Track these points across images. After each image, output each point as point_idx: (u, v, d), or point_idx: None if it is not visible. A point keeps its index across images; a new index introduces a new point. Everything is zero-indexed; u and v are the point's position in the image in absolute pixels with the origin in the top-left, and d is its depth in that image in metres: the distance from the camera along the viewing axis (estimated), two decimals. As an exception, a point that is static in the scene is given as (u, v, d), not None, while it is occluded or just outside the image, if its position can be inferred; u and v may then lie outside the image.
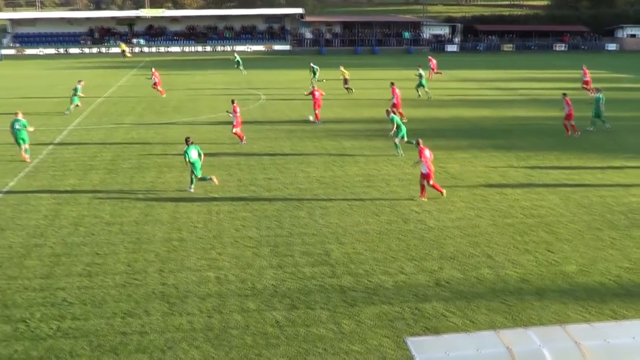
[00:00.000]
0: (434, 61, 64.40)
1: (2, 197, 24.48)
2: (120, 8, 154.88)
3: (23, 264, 18.07)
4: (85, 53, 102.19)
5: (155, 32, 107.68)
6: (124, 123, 39.54)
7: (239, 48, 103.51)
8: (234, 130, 33.23)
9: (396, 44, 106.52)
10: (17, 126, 30.33)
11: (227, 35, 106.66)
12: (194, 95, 52.14)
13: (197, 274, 17.32)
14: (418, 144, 23.89)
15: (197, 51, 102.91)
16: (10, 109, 46.45)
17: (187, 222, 21.42)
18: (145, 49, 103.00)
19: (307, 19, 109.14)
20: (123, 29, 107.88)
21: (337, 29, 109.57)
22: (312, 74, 56.10)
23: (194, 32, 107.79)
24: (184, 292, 16.28)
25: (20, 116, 30.86)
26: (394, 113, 37.64)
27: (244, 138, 33.47)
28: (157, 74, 52.70)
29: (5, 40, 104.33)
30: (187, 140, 24.82)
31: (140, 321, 14.89)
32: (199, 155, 24.73)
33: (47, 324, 14.81)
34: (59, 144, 33.94)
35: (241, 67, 70.53)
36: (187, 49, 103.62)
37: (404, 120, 35.68)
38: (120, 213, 22.37)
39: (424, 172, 23.23)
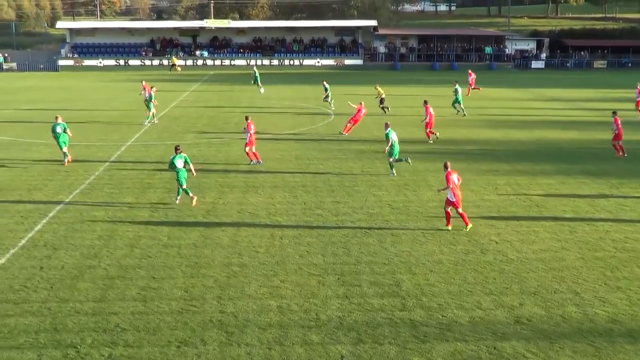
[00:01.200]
0: (473, 75, 64.02)
1: (56, 215, 25.16)
2: (183, 18, 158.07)
3: (75, 286, 18.51)
4: (145, 65, 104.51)
5: (219, 44, 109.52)
6: (185, 140, 40.24)
7: (308, 62, 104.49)
8: (247, 149, 33.39)
9: (477, 59, 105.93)
10: (58, 129, 33.44)
11: (296, 48, 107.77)
12: (258, 112, 52.74)
13: (257, 302, 17.44)
14: (446, 167, 23.47)
15: (263, 65, 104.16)
16: (68, 122, 47.84)
17: (249, 246, 21.62)
18: (209, 62, 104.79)
19: (381, 31, 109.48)
20: (186, 40, 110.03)
21: (413, 43, 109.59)
22: (325, 92, 55.25)
23: (260, 45, 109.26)
24: (243, 321, 16.41)
25: (60, 119, 34.00)
26: (430, 133, 37.99)
27: (259, 157, 33.69)
28: (148, 87, 53.39)
29: (63, 51, 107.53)
30: (176, 149, 26.60)
31: (196, 350, 15.05)
32: (186, 164, 26.35)
33: (98, 351, 15.10)
34: (117, 160, 34.75)
35: (259, 84, 68.09)
36: (252, 62, 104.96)
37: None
38: (179, 235, 22.73)
39: (450, 199, 22.89)
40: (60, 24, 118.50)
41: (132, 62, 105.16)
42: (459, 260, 20.41)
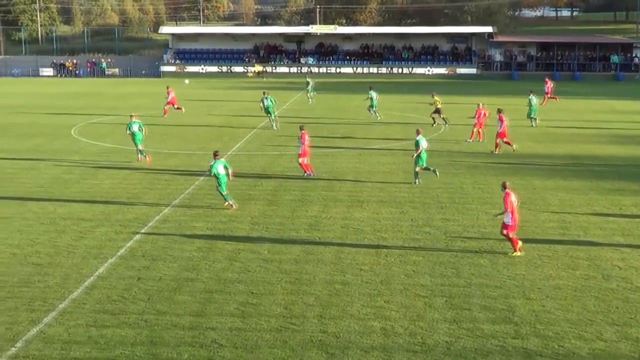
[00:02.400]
0: (550, 84, 62.25)
1: (155, 225, 25.87)
2: (288, 23, 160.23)
3: (173, 299, 18.96)
4: (248, 72, 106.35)
5: (325, 50, 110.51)
6: (288, 150, 40.74)
7: (419, 70, 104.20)
8: (300, 161, 33.66)
9: (602, 69, 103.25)
10: (134, 128, 36.72)
11: (405, 56, 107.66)
12: (366, 122, 52.90)
13: (360, 322, 17.45)
14: (504, 187, 22.69)
15: (370, 73, 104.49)
16: (169, 130, 49.14)
17: (352, 263, 21.68)
18: (314, 69, 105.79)
19: (497, 38, 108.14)
20: (291, 46, 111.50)
21: (532, 51, 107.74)
22: (371, 102, 54.88)
23: (368, 52, 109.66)
24: (345, 342, 16.45)
25: (134, 118, 37.30)
26: (504, 143, 39.08)
27: (312, 169, 34.00)
28: (172, 91, 57.23)
29: (165, 56, 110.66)
30: (215, 154, 27.70)
31: (295, 371, 15.17)
32: (226, 170, 27.46)
33: (195, 366, 15.41)
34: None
35: (309, 91, 67.55)
36: (359, 70, 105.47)
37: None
38: (280, 249, 23.01)
39: (506, 222, 22.22)
40: (163, 29, 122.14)
41: (235, 68, 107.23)
42: (579, 286, 19.91)
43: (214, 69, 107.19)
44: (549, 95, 62.11)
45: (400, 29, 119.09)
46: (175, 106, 57.07)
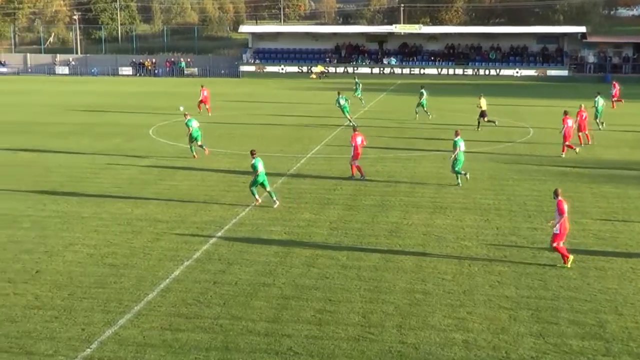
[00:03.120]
0: (618, 87, 60.71)
1: (232, 228, 26.15)
2: (371, 22, 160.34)
3: (249, 304, 19.12)
4: (330, 73, 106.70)
5: (409, 51, 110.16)
6: (368, 154, 40.74)
7: (506, 72, 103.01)
8: (351, 163, 34.22)
9: None
10: (194, 124, 38.93)
11: (493, 57, 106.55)
12: (449, 125, 52.49)
13: (441, 334, 17.32)
14: (556, 195, 22.16)
15: (455, 74, 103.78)
16: (249, 131, 49.66)
17: (434, 272, 21.54)
18: (397, 70, 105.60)
19: (591, 39, 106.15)
20: (373, 46, 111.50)
21: (628, 52, 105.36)
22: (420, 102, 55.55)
23: (453, 52, 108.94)
24: (424, 353, 16.34)
25: (189, 116, 39.99)
26: (568, 147, 38.79)
27: (362, 172, 34.27)
28: (205, 92, 59.35)
29: (245, 56, 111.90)
30: (252, 153, 28.81)
31: (372, 382, 15.13)
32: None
33: (270, 374, 15.52)
34: (295, 174, 35.67)
35: (359, 94, 66.87)
36: (444, 71, 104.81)
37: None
38: (358, 256, 23.00)
39: (554, 231, 21.76)
40: (242, 28, 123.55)
41: (315, 69, 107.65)
42: (676, 302, 19.38)
43: (293, 69, 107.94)
44: (615, 99, 61.33)
45: (487, 29, 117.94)
46: (207, 106, 59.26)
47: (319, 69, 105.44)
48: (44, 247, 23.99)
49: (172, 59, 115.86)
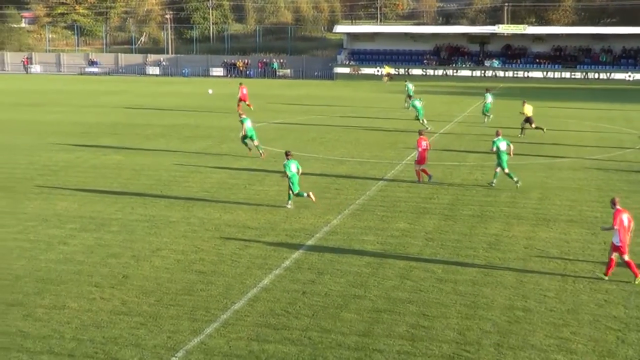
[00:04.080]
0: None
1: (323, 236, 26.25)
2: (472, 22, 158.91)
3: (339, 316, 19.14)
4: (428, 75, 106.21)
5: (512, 52, 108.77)
6: (467, 161, 40.39)
7: (618, 76, 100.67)
8: (415, 168, 35.04)
9: None
10: (248, 124, 40.71)
11: (604, 60, 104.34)
12: (555, 133, 51.63)
13: (542, 354, 17.02)
14: (614, 204, 21.57)
15: (562, 78, 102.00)
16: (341, 136, 49.82)
17: (535, 288, 21.19)
18: (499, 73, 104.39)
19: None
20: (474, 47, 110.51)
21: None
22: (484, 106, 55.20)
23: (560, 55, 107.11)
24: (524, 375, 16.09)
25: (244, 115, 43.13)
26: None
27: (428, 173, 34.96)
28: (244, 90, 62.20)
29: (339, 57, 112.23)
30: (287, 154, 30.01)
31: (468, 403, 14.97)
32: (298, 170, 29.77)
33: (360, 390, 15.49)
34: (391, 180, 35.61)
35: (410, 96, 65.80)
36: (550, 74, 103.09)
37: None
38: (455, 269, 22.80)
39: (615, 242, 21.12)
40: (338, 28, 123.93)
41: (413, 71, 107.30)
42: None
43: (390, 70, 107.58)
44: None
45: (598, 29, 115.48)
46: (247, 103, 61.93)
47: (386, 70, 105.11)
48: (132, 251, 24.54)
49: (265, 60, 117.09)
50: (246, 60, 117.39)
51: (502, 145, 33.46)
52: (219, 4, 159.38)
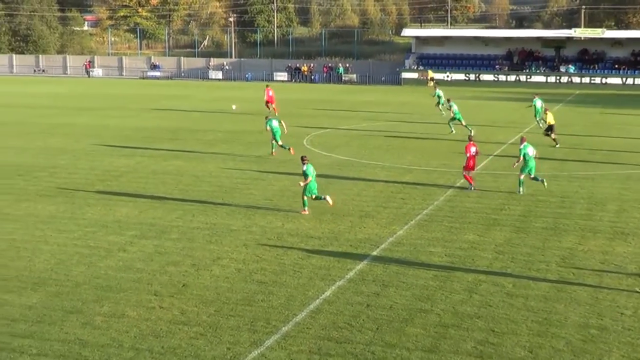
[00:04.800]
0: None
1: (388, 248, 26.18)
2: (547, 26, 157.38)
3: (404, 331, 19.06)
4: (499, 81, 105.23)
5: (589, 58, 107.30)
6: (539, 170, 39.89)
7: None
8: (464, 173, 35.19)
9: None
10: (274, 124, 43.35)
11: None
12: (634, 141, 50.81)
13: (618, 375, 16.75)
14: None
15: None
16: (408, 143, 49.68)
17: (612, 305, 20.85)
18: (575, 79, 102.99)
19: None
20: (549, 52, 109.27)
21: None
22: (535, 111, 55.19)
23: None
24: (599, 396, 15.83)
25: (271, 116, 45.66)
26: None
27: (472, 183, 35.11)
28: (270, 91, 64.79)
29: (407, 62, 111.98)
30: (303, 159, 30.61)
31: None
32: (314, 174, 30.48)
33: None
34: (459, 189, 35.35)
35: (441, 103, 65.27)
36: (629, 81, 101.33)
37: None
38: (526, 284, 22.55)
39: None
40: (406, 32, 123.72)
41: (484, 76, 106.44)
42: None
43: (460, 76, 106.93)
44: None
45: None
46: (272, 106, 63.80)
47: (430, 74, 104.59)
48: (191, 259, 24.77)
49: (330, 64, 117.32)
50: (311, 65, 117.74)
51: (530, 151, 33.98)
52: (283, 7, 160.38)
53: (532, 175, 34.11)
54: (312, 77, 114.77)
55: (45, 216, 30.61)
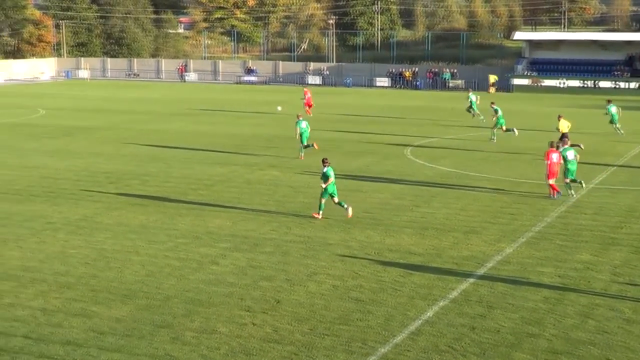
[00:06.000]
0: None
1: (495, 266, 25.91)
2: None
3: (511, 356, 18.82)
4: (620, 88, 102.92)
5: None
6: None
7: None
8: (546, 182, 35.76)
9: None
10: (303, 125, 46.90)
11: None
12: None
13: None
14: None
15: None
16: (518, 156, 49.07)
17: None
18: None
19: None
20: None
21: None
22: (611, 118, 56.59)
23: None
24: None
25: (301, 117, 48.18)
26: None
27: (555, 190, 35.59)
28: (309, 93, 73.02)
29: (519, 67, 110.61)
30: (324, 162, 31.70)
31: None
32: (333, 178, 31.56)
33: None
34: (574, 205, 34.76)
35: (472, 110, 65.34)
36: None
37: None
38: None
39: None
40: (517, 35, 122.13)
41: (602, 83, 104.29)
42: None
43: (575, 83, 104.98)
44: None
45: None
46: (307, 108, 71.28)
47: (492, 79, 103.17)
48: (286, 274, 24.93)
49: (435, 69, 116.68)
50: (414, 69, 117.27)
51: (570, 154, 35.78)
52: (386, 8, 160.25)
53: (572, 178, 35.69)
54: (416, 82, 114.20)
55: (136, 226, 31.25)
